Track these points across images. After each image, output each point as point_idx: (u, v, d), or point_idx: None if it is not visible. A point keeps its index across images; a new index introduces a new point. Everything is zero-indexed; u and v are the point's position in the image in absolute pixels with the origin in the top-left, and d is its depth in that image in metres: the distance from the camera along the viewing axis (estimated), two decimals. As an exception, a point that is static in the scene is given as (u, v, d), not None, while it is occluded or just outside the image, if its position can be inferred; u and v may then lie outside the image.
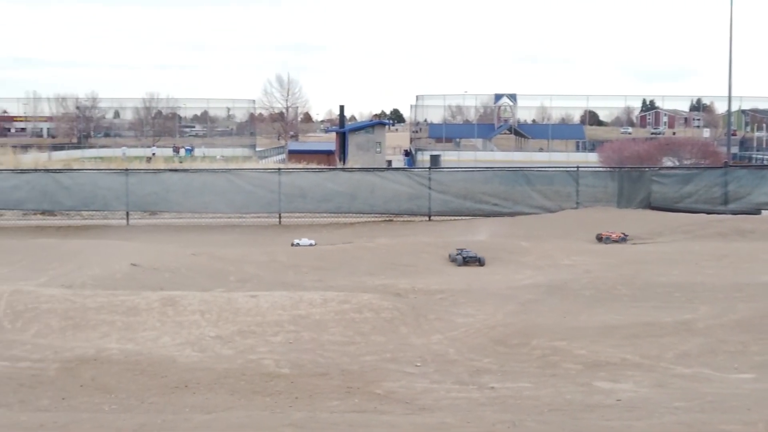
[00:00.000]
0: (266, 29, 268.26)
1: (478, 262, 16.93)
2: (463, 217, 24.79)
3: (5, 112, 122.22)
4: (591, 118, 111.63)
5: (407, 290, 13.86)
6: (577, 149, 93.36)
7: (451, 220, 24.66)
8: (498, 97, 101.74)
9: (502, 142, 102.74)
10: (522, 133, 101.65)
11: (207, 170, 27.72)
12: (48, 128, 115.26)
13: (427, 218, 24.95)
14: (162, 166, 39.43)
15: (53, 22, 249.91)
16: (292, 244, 19.65)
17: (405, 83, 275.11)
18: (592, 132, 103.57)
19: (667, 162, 40.67)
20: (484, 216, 24.58)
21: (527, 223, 23.14)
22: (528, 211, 24.75)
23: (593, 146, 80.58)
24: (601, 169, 31.17)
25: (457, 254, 17.07)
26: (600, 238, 20.43)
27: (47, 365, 9.62)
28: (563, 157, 79.09)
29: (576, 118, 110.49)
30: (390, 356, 10.07)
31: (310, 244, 19.57)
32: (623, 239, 20.29)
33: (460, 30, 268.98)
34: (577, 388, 8.79)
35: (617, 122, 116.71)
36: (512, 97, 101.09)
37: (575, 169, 26.08)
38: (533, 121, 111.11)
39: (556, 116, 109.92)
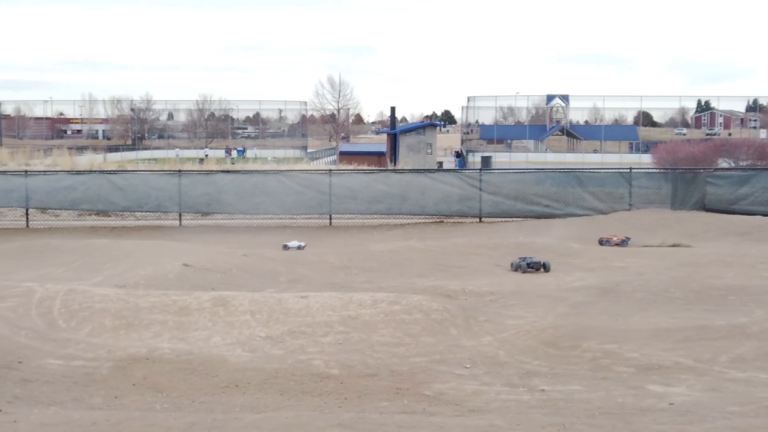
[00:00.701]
0: (318, 31, 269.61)
1: (543, 268, 16.18)
2: (514, 219, 24.66)
3: (62, 114, 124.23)
4: (645, 119, 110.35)
5: (457, 292, 13.80)
6: (631, 150, 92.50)
7: (501, 221, 24.54)
8: (550, 98, 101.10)
9: (553, 144, 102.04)
10: (574, 134, 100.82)
11: (258, 171, 27.83)
12: (103, 130, 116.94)
13: (477, 220, 24.86)
14: (214, 167, 39.70)
15: (109, 26, 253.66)
16: (284, 247, 19.60)
17: (456, 84, 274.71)
18: (645, 133, 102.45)
19: (723, 163, 40.05)
20: (535, 218, 24.43)
21: (579, 225, 22.95)
22: (580, 212, 24.55)
23: (647, 147, 79.72)
24: (654, 170, 30.74)
25: (521, 261, 16.33)
26: (601, 242, 20.15)
27: (100, 364, 9.73)
28: (616, 158, 78.33)
29: (629, 119, 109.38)
30: (439, 358, 10.04)
31: (299, 247, 19.60)
32: (624, 242, 19.95)
33: (512, 30, 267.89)
34: (628, 392, 8.69)
35: (671, 123, 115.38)
36: (564, 98, 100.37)
37: (628, 170, 25.79)
38: (586, 122, 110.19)
39: (609, 117, 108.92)
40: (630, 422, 7.53)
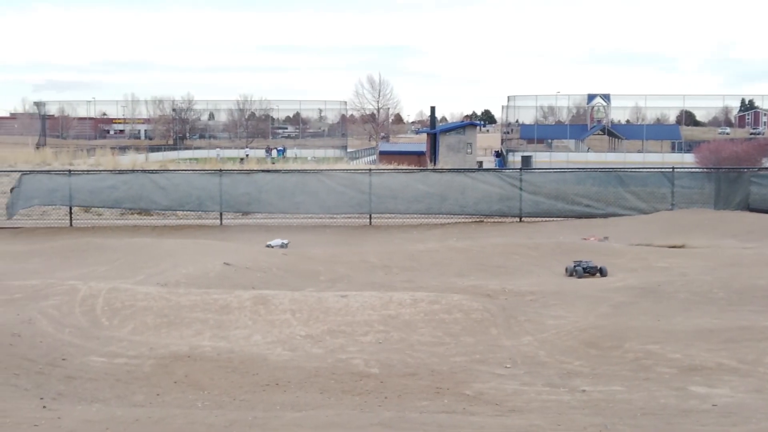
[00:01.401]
0: (359, 31, 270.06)
1: (600, 272, 15.56)
2: (555, 219, 24.54)
3: (105, 114, 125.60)
4: (687, 118, 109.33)
5: (497, 291, 13.75)
6: (673, 150, 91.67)
7: (542, 221, 24.43)
8: (591, 97, 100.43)
9: (595, 143, 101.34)
10: (615, 133, 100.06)
11: (298, 171, 27.96)
12: (145, 130, 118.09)
13: (518, 219, 24.77)
14: (254, 167, 39.91)
15: (151, 27, 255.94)
16: (266, 246, 19.62)
17: (496, 84, 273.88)
18: (688, 132, 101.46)
19: (767, 163, 39.57)
20: (576, 217, 24.30)
21: (620, 225, 22.79)
22: (621, 212, 24.38)
23: (689, 147, 78.91)
24: (697, 170, 30.46)
25: (576, 266, 15.65)
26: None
27: (142, 362, 9.82)
28: (658, 158, 77.77)
29: (672, 118, 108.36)
30: (479, 357, 10.01)
31: (282, 244, 19.66)
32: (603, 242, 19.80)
33: (553, 29, 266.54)
34: (671, 393, 8.60)
35: (715, 122, 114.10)
36: (606, 97, 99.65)
37: (670, 170, 25.56)
38: (627, 121, 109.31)
39: (650, 117, 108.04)
40: (672, 423, 7.46)
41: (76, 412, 7.57)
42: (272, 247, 19.44)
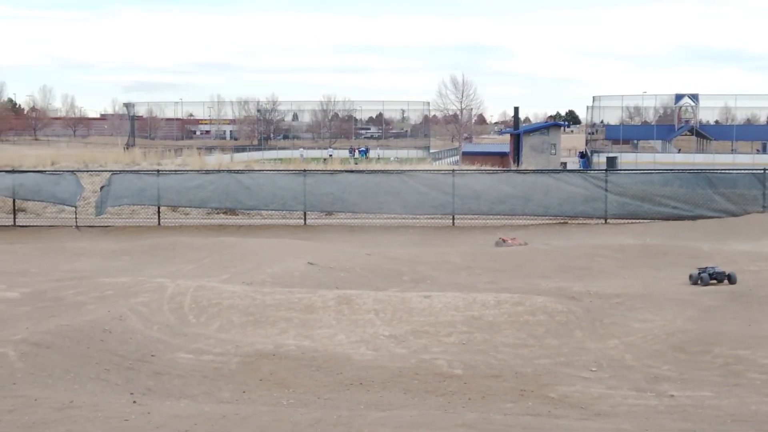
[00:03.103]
0: (441, 31, 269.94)
1: (728, 279, 14.44)
2: (641, 221, 24.14)
3: (191, 115, 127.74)
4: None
5: (582, 294, 13.60)
6: (764, 151, 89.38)
7: (628, 223, 24.07)
8: (678, 97, 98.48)
9: (682, 144, 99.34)
10: (704, 134, 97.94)
11: (381, 171, 27.99)
12: (231, 131, 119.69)
13: (603, 221, 24.44)
14: (338, 167, 40.13)
15: (236, 29, 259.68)
16: None
17: (581, 84, 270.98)
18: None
19: None
20: (662, 219, 23.87)
21: (709, 227, 22.34)
22: (710, 214, 23.87)
23: (781, 148, 76.91)
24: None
25: (701, 273, 14.59)
26: (498, 244, 20.23)
27: (228, 359, 9.96)
28: (748, 159, 75.87)
29: (762, 118, 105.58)
30: (564, 360, 9.92)
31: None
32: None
33: (638, 29, 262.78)
34: (762, 399, 8.40)
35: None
36: (694, 97, 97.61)
37: (762, 171, 24.92)
38: (716, 122, 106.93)
39: (740, 117, 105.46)
40: (764, 431, 7.28)
41: (165, 408, 7.71)
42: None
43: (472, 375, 9.34)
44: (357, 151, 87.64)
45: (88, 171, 30.13)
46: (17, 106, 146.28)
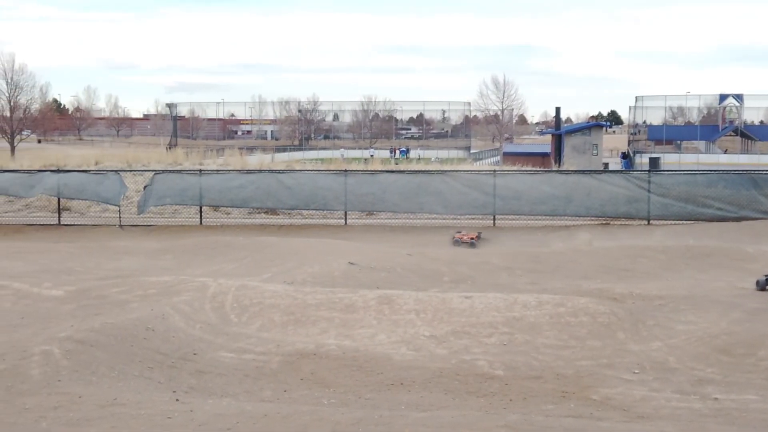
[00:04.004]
0: (482, 31, 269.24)
1: None
2: (684, 222, 23.90)
3: (233, 115, 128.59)
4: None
5: (624, 295, 13.49)
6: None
7: (671, 224, 23.83)
8: (723, 97, 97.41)
9: (726, 145, 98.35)
10: (749, 134, 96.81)
11: (422, 172, 27.91)
12: (272, 131, 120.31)
13: (645, 222, 24.22)
14: (378, 167, 40.13)
15: (277, 30, 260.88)
16: None
17: (623, 84, 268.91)
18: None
19: None
20: (706, 221, 23.60)
21: (754, 229, 22.05)
22: (755, 216, 23.56)
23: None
24: (836, 172, 29.16)
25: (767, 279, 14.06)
26: (456, 242, 20.86)
27: (270, 358, 10.01)
28: (794, 160, 74.86)
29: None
30: (606, 362, 9.85)
31: None
32: (473, 244, 20.50)
33: (681, 28, 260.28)
34: (809, 403, 8.29)
35: None
36: (738, 97, 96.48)
37: (807, 172, 24.55)
38: (761, 122, 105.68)
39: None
40: (811, 436, 7.19)
41: (207, 406, 7.77)
42: None
43: (513, 376, 9.31)
44: (398, 151, 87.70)
45: (131, 171, 30.37)
46: (62, 107, 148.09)
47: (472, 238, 20.92)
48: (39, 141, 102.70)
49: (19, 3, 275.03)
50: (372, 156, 76.43)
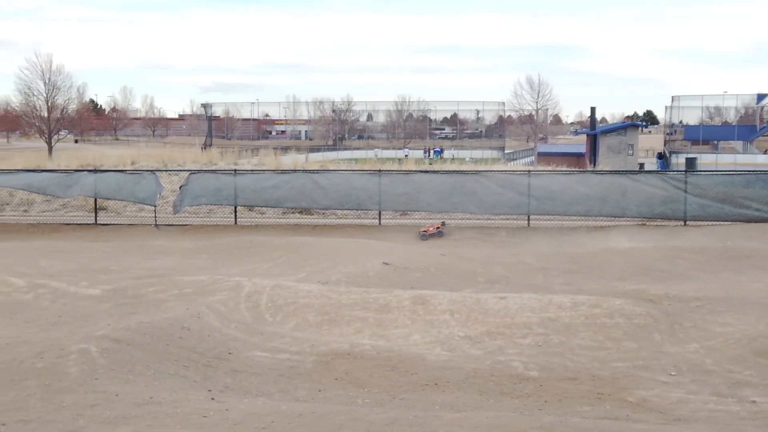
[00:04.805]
0: (516, 30, 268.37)
1: None
2: (722, 222, 23.66)
3: (267, 115, 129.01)
4: None
5: (661, 296, 13.39)
6: None
7: (708, 225, 23.60)
8: (761, 97, 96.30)
9: (764, 145, 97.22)
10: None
11: (456, 172, 27.82)
12: (306, 131, 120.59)
13: (682, 223, 24.01)
14: (412, 167, 40.10)
15: (311, 30, 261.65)
16: None
17: (659, 84, 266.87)
18: None
19: None
20: (744, 221, 23.35)
21: (793, 229, 21.80)
22: (794, 216, 23.29)
23: None
24: None
25: None
26: (423, 236, 22.07)
27: (304, 358, 10.03)
28: (834, 159, 73.92)
29: None
30: (642, 363, 9.78)
31: None
32: (440, 232, 22.18)
33: (717, 28, 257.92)
34: None
35: None
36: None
37: None
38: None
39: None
40: None
41: (243, 405, 7.80)
42: None
43: (548, 377, 9.26)
44: (432, 151, 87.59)
45: (166, 170, 30.55)
46: (99, 107, 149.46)
47: (437, 228, 22.20)
48: (76, 141, 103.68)
49: (57, 5, 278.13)
50: (407, 156, 76.38)
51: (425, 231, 22.09)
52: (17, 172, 28.46)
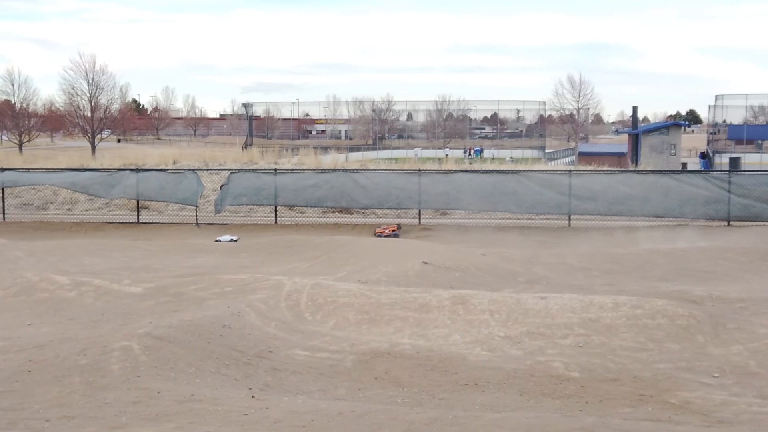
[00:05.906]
0: (557, 29, 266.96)
1: None
2: (766, 223, 23.36)
3: (307, 115, 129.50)
4: None
5: (704, 297, 13.25)
6: None
7: (752, 225, 23.32)
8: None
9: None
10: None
11: (496, 171, 27.74)
12: (346, 130, 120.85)
13: (725, 223, 23.76)
14: (452, 167, 40.03)
15: (351, 30, 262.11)
16: (216, 241, 21.60)
17: (702, 83, 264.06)
18: None
19: None
20: (789, 222, 23.08)
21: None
22: (840, 217, 22.95)
23: None
24: None
25: None
26: (378, 235, 22.66)
27: (344, 357, 10.05)
28: None
29: None
30: (685, 365, 9.68)
31: (231, 240, 21.53)
32: (395, 234, 22.63)
33: (761, 26, 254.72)
34: None
35: None
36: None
37: None
38: None
39: None
40: None
41: (283, 403, 7.82)
42: (221, 241, 21.51)
43: (589, 378, 9.20)
44: (472, 150, 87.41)
45: (207, 170, 30.76)
46: (141, 107, 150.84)
47: (393, 230, 22.65)
48: (119, 140, 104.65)
49: (100, 5, 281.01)
50: (447, 156, 76.29)
51: (381, 232, 22.63)
52: (61, 171, 28.83)
